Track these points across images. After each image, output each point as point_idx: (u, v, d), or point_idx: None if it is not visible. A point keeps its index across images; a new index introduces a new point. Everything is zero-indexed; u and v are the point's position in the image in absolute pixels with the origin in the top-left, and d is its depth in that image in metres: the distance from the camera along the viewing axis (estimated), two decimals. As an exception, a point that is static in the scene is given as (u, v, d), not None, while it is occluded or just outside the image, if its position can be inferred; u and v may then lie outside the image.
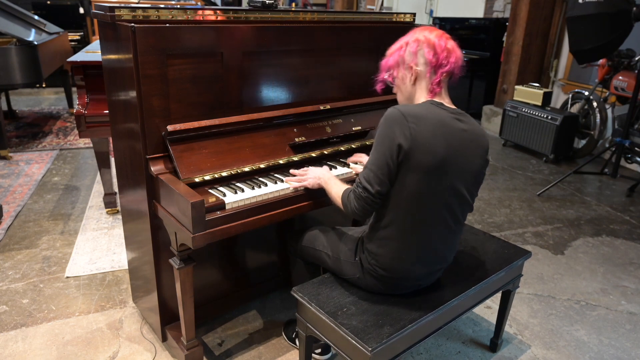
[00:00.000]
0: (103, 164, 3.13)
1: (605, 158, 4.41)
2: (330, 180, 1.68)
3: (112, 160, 3.28)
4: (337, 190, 1.61)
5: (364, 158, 1.91)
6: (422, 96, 1.53)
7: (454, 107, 1.51)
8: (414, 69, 1.50)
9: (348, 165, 1.97)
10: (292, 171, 1.83)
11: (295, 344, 2.08)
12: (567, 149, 4.67)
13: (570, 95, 4.83)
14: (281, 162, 1.88)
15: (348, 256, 1.66)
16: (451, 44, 1.48)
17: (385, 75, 1.60)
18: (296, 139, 1.94)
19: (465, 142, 1.45)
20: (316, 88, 2.12)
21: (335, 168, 1.95)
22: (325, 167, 1.81)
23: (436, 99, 1.50)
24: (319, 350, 2.00)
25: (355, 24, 2.20)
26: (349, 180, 1.83)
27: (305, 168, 1.82)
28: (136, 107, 1.63)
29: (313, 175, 1.73)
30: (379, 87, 1.64)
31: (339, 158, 2.06)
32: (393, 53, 1.56)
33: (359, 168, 1.89)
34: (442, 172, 1.42)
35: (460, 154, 1.44)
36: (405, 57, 1.52)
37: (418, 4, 7.73)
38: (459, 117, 1.47)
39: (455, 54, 1.48)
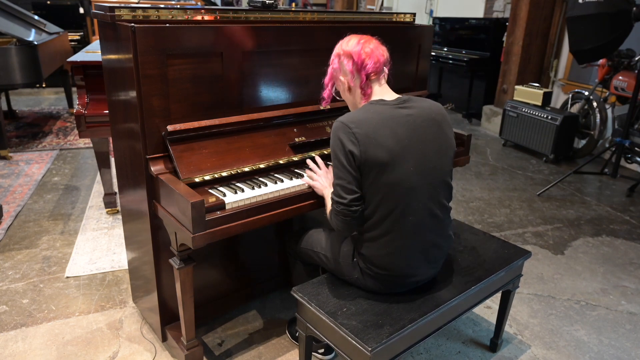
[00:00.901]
0: (103, 164, 3.13)
1: (605, 158, 4.41)
2: (329, 197, 1.66)
3: (112, 160, 3.28)
4: (328, 209, 1.66)
5: (318, 181, 1.80)
6: (361, 101, 1.63)
7: (397, 96, 1.58)
8: (342, 80, 1.64)
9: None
10: (311, 165, 1.85)
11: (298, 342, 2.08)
12: (567, 149, 4.67)
13: (570, 95, 4.83)
14: (281, 162, 1.88)
15: (346, 257, 1.66)
16: (370, 46, 1.58)
17: (327, 92, 1.73)
18: (296, 139, 1.94)
19: (415, 125, 1.50)
20: (316, 88, 2.11)
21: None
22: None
23: (375, 98, 1.58)
24: (322, 351, 2.00)
25: (355, 24, 2.20)
26: None
27: (316, 168, 1.83)
28: (136, 107, 1.63)
29: (322, 183, 1.76)
30: (323, 103, 1.77)
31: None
32: (328, 70, 1.69)
33: (312, 180, 1.82)
34: (403, 161, 1.46)
35: (415, 138, 1.49)
36: (334, 72, 1.67)
37: (418, 4, 7.73)
38: (402, 104, 1.53)
39: (374, 56, 1.57)
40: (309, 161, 1.88)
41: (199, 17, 1.79)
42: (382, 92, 1.60)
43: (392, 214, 1.50)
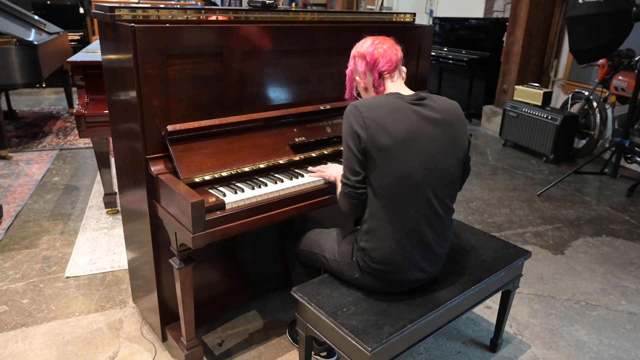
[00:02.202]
0: (103, 164, 3.13)
1: (605, 158, 4.41)
2: (339, 179, 1.71)
3: (112, 160, 3.28)
4: (338, 191, 1.67)
5: (328, 170, 1.86)
6: None
7: (413, 92, 1.61)
8: (358, 80, 1.71)
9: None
10: (310, 168, 1.89)
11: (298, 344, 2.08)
12: (567, 149, 4.67)
13: (570, 95, 4.83)
14: (281, 162, 1.88)
15: (345, 257, 1.66)
16: (384, 47, 1.63)
17: (348, 92, 1.80)
18: (296, 139, 1.94)
19: (426, 122, 1.52)
20: (316, 88, 2.12)
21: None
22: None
23: (391, 91, 1.62)
24: (324, 354, 1.99)
25: (355, 24, 2.20)
26: None
27: (326, 165, 1.90)
28: (136, 107, 1.63)
29: (332, 170, 1.82)
30: (347, 97, 1.83)
31: (339, 158, 2.06)
32: (347, 70, 1.77)
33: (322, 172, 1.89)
34: (408, 153, 1.48)
35: (423, 135, 1.50)
36: (351, 74, 1.75)
37: (418, 4, 7.73)
38: (417, 101, 1.55)
39: (386, 55, 1.62)
40: (310, 167, 1.90)
41: (199, 17, 1.79)
42: (397, 87, 1.63)
43: (395, 206, 1.51)
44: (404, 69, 1.69)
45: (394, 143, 1.47)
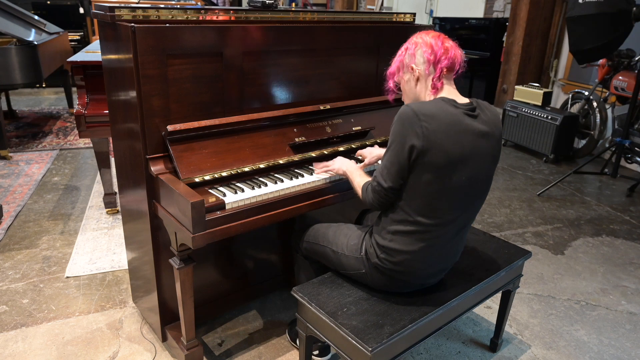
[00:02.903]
0: (103, 164, 3.13)
1: (605, 158, 4.41)
2: (355, 171, 1.72)
3: (112, 160, 3.28)
4: (359, 181, 1.66)
5: (334, 164, 1.86)
6: (426, 94, 1.57)
7: (466, 100, 1.53)
8: (415, 69, 1.56)
9: (358, 159, 2.01)
10: (315, 164, 1.90)
11: (297, 344, 2.08)
12: (567, 149, 4.67)
13: (570, 95, 4.83)
14: (281, 162, 1.88)
15: (353, 251, 1.66)
16: (449, 43, 1.54)
17: (391, 83, 1.67)
18: (296, 139, 1.94)
19: (479, 137, 1.47)
20: (316, 88, 2.12)
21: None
22: (352, 160, 1.89)
23: (446, 96, 1.52)
24: (316, 352, 1.99)
25: (355, 24, 2.20)
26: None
27: (332, 160, 1.89)
28: (136, 107, 1.63)
29: (340, 164, 1.81)
30: (390, 97, 1.73)
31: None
32: (395, 60, 1.63)
33: (366, 154, 1.94)
34: (455, 170, 1.43)
35: (475, 151, 1.46)
36: (405, 60, 1.59)
37: (418, 4, 7.73)
38: (472, 112, 1.48)
39: (453, 51, 1.53)
40: (315, 164, 1.92)
41: (199, 17, 1.79)
42: (451, 91, 1.55)
43: (434, 217, 1.48)
44: (459, 72, 1.59)
45: (447, 162, 1.41)
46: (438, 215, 1.48)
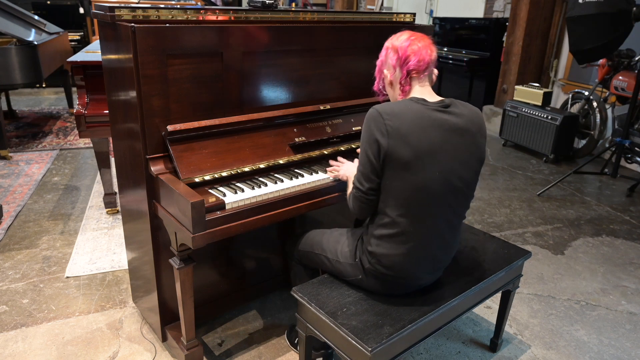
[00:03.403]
0: (103, 164, 3.13)
1: (605, 158, 4.41)
2: (350, 179, 1.70)
3: (112, 160, 3.28)
4: (349, 191, 1.66)
5: (341, 169, 1.86)
6: (397, 97, 1.63)
7: (439, 99, 1.55)
8: (385, 74, 1.65)
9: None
10: (331, 162, 1.93)
11: (297, 349, 2.07)
12: (567, 149, 4.67)
13: (570, 95, 4.83)
14: (281, 162, 1.88)
15: (348, 258, 1.66)
16: (420, 44, 1.56)
17: (377, 84, 1.73)
18: (296, 139, 1.94)
19: (450, 131, 1.48)
20: (316, 88, 2.12)
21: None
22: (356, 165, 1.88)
23: (416, 96, 1.55)
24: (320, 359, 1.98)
25: (355, 24, 2.20)
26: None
27: (341, 160, 1.91)
28: (136, 107, 1.63)
29: (345, 169, 1.81)
30: (381, 98, 1.76)
31: (351, 157, 2.05)
32: (377, 64, 1.70)
33: (335, 174, 1.89)
34: (425, 165, 1.44)
35: (446, 145, 1.47)
36: (380, 65, 1.68)
37: (418, 4, 7.73)
38: (442, 108, 1.50)
39: (422, 52, 1.55)
40: (331, 161, 1.93)
41: (199, 17, 1.79)
42: (423, 92, 1.57)
43: (413, 215, 1.49)
44: (435, 71, 1.62)
45: (415, 156, 1.43)
46: (417, 214, 1.49)
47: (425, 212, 1.49)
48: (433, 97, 1.56)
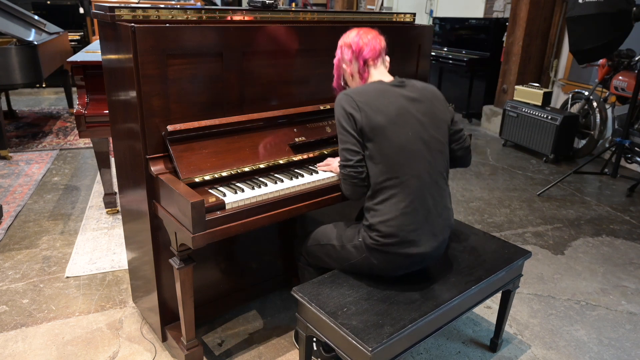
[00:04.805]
0: (103, 164, 3.13)
1: (605, 158, 4.41)
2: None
3: (112, 160, 3.28)
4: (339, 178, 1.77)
5: (334, 162, 1.92)
6: (360, 84, 1.79)
7: (393, 78, 1.75)
8: (344, 68, 1.82)
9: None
10: (318, 166, 1.96)
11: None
12: (567, 149, 4.67)
13: (570, 95, 4.83)
14: (281, 162, 1.88)
15: (351, 239, 1.71)
16: (369, 36, 1.76)
17: (335, 81, 1.90)
18: (296, 139, 1.94)
19: (409, 100, 1.66)
20: (316, 88, 2.12)
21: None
22: None
23: (375, 79, 1.75)
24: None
25: (355, 24, 2.19)
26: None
27: (328, 160, 1.96)
28: (136, 107, 1.63)
29: (334, 163, 1.90)
30: (336, 93, 1.86)
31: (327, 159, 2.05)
32: (334, 62, 1.87)
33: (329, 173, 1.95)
34: (397, 127, 1.60)
35: (409, 110, 1.65)
36: (338, 63, 1.85)
37: (418, 4, 7.73)
38: (398, 84, 1.71)
39: (370, 44, 1.74)
40: (318, 165, 1.96)
41: (199, 17, 1.79)
42: (380, 75, 1.75)
43: (397, 176, 1.59)
44: (387, 58, 1.81)
45: (387, 120, 1.60)
46: (401, 172, 1.60)
47: (407, 171, 1.60)
48: (389, 78, 1.76)
